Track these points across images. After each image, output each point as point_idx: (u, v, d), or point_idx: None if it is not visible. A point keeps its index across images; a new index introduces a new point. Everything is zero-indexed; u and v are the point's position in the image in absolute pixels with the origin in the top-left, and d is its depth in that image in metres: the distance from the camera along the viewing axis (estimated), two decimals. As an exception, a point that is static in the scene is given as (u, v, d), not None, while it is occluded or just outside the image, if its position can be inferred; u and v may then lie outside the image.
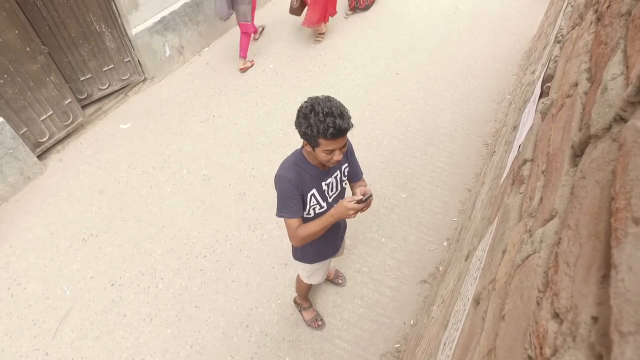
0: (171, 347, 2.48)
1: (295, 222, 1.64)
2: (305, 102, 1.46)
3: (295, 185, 1.59)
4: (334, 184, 1.75)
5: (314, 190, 1.66)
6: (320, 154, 1.50)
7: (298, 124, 1.47)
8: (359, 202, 1.53)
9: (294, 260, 2.06)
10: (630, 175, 0.41)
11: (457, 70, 4.47)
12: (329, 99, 1.45)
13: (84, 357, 2.44)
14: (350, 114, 1.47)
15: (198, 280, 2.76)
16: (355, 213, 1.55)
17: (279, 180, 1.62)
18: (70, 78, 3.63)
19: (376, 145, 3.63)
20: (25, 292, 2.71)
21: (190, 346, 2.48)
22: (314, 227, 1.61)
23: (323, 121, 1.39)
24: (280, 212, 1.65)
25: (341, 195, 1.83)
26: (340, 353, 2.45)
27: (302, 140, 1.55)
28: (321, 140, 1.44)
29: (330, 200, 1.75)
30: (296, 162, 1.64)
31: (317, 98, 1.45)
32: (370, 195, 1.56)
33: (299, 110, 1.47)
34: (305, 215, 1.71)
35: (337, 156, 1.50)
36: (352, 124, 1.45)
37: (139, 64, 4.11)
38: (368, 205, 1.58)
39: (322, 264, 2.09)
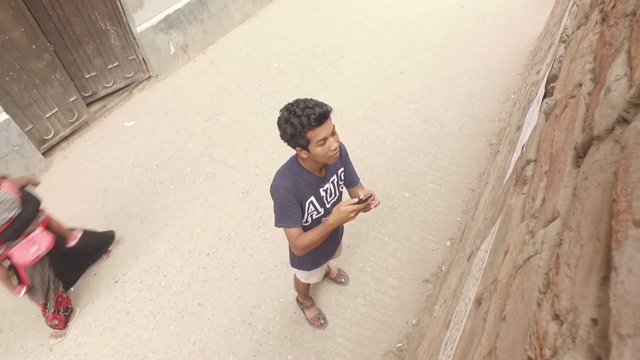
0: (174, 344, 2.49)
1: (295, 231, 1.61)
2: (280, 111, 1.48)
3: (293, 194, 1.57)
4: (332, 190, 1.73)
5: (312, 198, 1.64)
6: (316, 150, 1.47)
7: (283, 132, 1.47)
8: (358, 202, 1.50)
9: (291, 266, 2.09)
10: (632, 178, 0.41)
11: (462, 69, 4.45)
12: (299, 99, 1.47)
13: (87, 354, 2.46)
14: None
15: (201, 278, 2.77)
16: (356, 214, 1.52)
17: (276, 190, 1.59)
18: (75, 76, 3.65)
19: (380, 145, 3.63)
20: (30, 288, 2.73)
21: (192, 343, 2.49)
22: (313, 235, 1.59)
23: (303, 114, 1.40)
24: (279, 222, 1.62)
25: (339, 200, 1.80)
26: (343, 352, 2.45)
27: (297, 146, 1.53)
28: (309, 134, 1.42)
29: (328, 206, 1.74)
30: (292, 169, 1.62)
31: (288, 103, 1.47)
32: (371, 196, 1.53)
33: (278, 122, 1.48)
34: (303, 224, 1.68)
35: (333, 144, 1.48)
36: (331, 108, 1.47)
37: (143, 62, 4.13)
38: (369, 206, 1.54)
39: (319, 268, 2.11)
